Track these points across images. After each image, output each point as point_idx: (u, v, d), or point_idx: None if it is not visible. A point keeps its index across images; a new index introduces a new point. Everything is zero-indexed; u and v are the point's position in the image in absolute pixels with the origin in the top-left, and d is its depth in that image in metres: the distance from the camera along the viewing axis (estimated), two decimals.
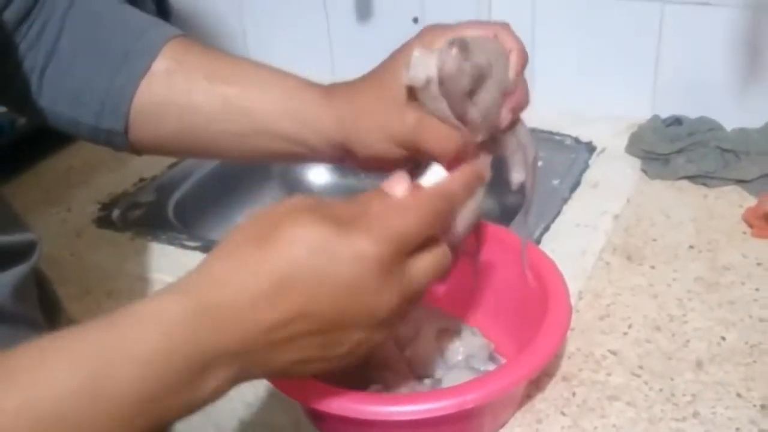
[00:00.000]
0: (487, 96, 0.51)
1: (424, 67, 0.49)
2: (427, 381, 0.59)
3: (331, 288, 0.42)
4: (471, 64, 0.49)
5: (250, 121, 0.59)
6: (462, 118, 0.51)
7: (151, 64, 0.59)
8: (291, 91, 0.59)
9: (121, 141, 0.61)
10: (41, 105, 0.60)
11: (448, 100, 0.50)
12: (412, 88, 0.51)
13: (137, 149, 0.63)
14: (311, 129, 0.58)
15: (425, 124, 0.52)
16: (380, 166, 0.56)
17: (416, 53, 0.50)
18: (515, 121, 0.55)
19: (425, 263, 0.45)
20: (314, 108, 0.58)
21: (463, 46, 0.50)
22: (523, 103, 0.54)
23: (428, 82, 0.49)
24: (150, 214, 0.93)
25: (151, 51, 0.60)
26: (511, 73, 0.52)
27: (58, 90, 0.60)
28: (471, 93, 0.50)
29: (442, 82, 0.49)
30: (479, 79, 0.50)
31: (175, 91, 0.60)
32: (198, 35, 0.64)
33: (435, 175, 0.50)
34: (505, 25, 0.54)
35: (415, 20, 1.07)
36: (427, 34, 0.54)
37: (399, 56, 0.54)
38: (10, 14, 0.57)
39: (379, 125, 0.54)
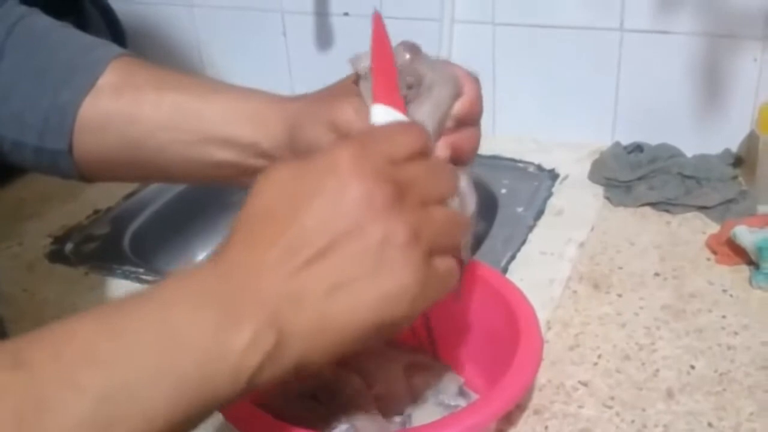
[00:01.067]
0: (417, 112, 0.50)
1: (368, 55, 0.50)
2: (396, 419, 0.57)
3: (311, 197, 0.40)
4: (411, 68, 0.49)
5: (198, 127, 0.58)
6: None
7: (97, 80, 0.58)
8: (240, 94, 0.59)
9: (65, 162, 0.59)
10: None
11: None
12: (357, 77, 0.51)
13: (82, 172, 0.60)
14: (260, 130, 0.57)
15: (362, 115, 0.51)
16: None
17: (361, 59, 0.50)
18: (455, 164, 0.54)
19: (418, 167, 0.43)
20: (263, 107, 0.57)
21: (415, 50, 0.50)
22: (467, 148, 0.54)
23: (368, 69, 0.49)
24: (105, 248, 0.90)
25: (96, 67, 0.58)
26: (456, 109, 0.52)
27: (0, 113, 0.58)
28: (404, 99, 0.50)
29: None
30: (414, 89, 0.50)
31: (122, 103, 0.58)
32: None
33: (383, 115, 0.49)
34: (472, 72, 0.53)
35: None
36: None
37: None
38: None
39: (319, 114, 0.53)
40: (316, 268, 0.39)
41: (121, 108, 0.58)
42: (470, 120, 0.53)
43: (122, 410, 0.34)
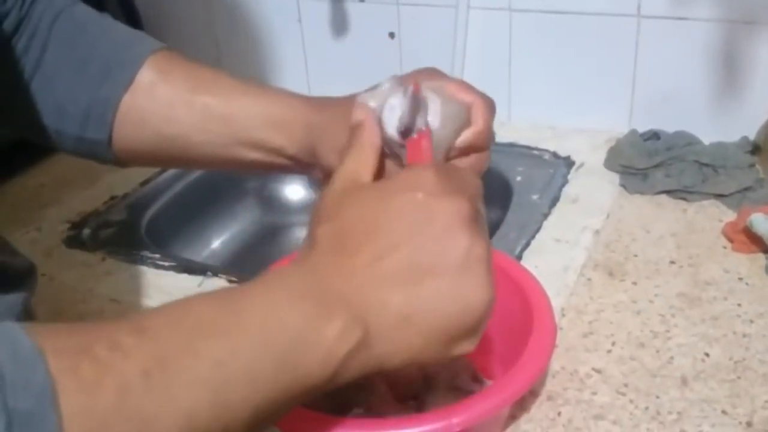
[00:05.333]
0: None
1: (371, 100, 0.51)
2: (410, 404, 0.58)
3: (398, 210, 0.43)
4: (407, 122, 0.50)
5: (228, 131, 0.60)
6: (399, 163, 0.51)
7: (135, 75, 0.60)
8: (271, 98, 0.60)
9: (105, 152, 0.61)
10: (26, 117, 0.60)
11: (385, 142, 0.50)
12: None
13: (120, 160, 0.63)
14: (288, 136, 0.59)
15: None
16: None
17: (370, 92, 0.51)
18: None
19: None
20: (292, 114, 0.59)
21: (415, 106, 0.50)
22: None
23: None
24: (121, 233, 0.91)
25: (135, 62, 0.60)
26: (461, 140, 0.53)
27: (43, 102, 0.60)
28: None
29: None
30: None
31: (158, 103, 0.60)
32: None
33: None
34: (489, 103, 0.54)
35: (392, 35, 1.06)
36: (420, 74, 0.55)
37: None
38: (3, 28, 0.56)
39: (335, 139, 0.54)
40: (402, 273, 0.42)
41: (157, 107, 0.60)
42: (476, 149, 0.54)
43: (233, 377, 0.37)
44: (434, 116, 0.51)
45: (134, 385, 0.33)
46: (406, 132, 0.50)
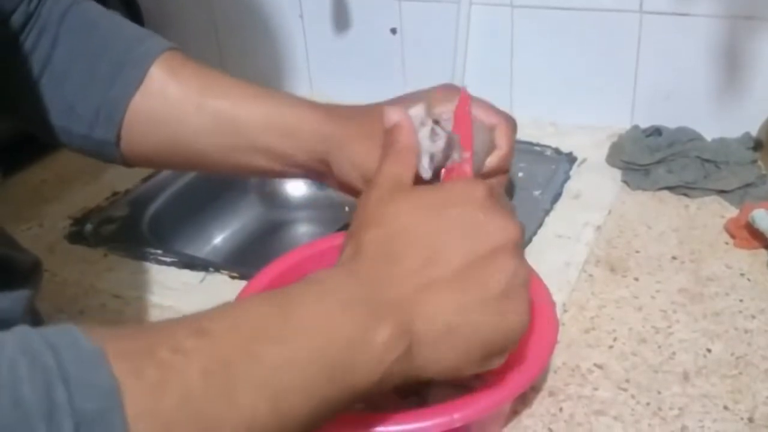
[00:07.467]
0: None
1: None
2: (411, 399, 0.57)
3: (450, 222, 0.44)
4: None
5: (238, 135, 0.60)
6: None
7: (146, 75, 0.60)
8: (281, 105, 0.60)
9: (112, 151, 0.61)
10: (34, 113, 0.60)
11: None
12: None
13: (126, 160, 0.63)
14: (296, 144, 0.58)
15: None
16: (351, 193, 0.58)
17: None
18: None
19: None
20: (302, 123, 0.59)
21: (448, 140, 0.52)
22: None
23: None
24: (124, 229, 0.91)
25: (145, 62, 0.60)
26: (489, 163, 0.55)
27: (52, 99, 0.60)
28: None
29: None
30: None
31: (167, 104, 0.60)
32: None
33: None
34: (512, 124, 0.56)
35: (393, 31, 1.06)
36: (439, 92, 0.55)
37: (399, 102, 0.55)
38: (11, 23, 0.56)
39: (354, 154, 0.55)
40: (449, 286, 0.43)
41: (167, 109, 0.60)
42: (500, 171, 0.56)
43: (289, 382, 0.37)
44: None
45: (196, 387, 0.33)
46: (439, 172, 0.50)
